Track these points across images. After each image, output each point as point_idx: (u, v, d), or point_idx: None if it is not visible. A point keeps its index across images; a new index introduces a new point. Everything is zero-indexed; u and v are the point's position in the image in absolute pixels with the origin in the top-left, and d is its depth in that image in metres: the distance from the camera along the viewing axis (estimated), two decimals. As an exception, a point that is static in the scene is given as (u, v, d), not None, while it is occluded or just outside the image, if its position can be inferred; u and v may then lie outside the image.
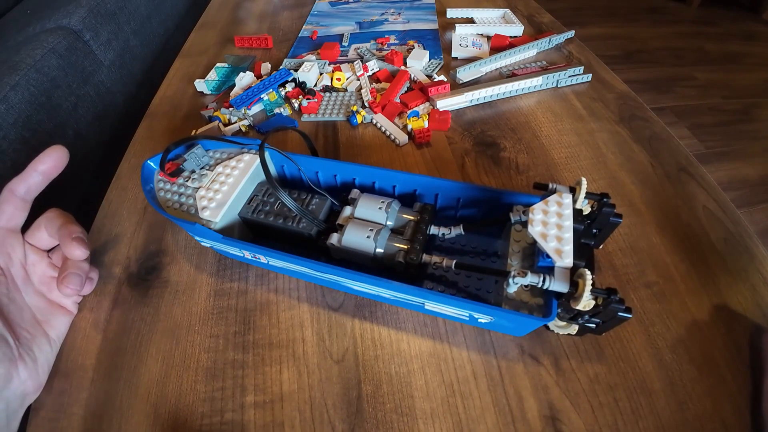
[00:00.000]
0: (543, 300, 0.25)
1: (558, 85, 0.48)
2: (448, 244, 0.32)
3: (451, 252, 0.32)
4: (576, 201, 0.25)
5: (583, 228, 0.25)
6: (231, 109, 0.47)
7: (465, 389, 0.26)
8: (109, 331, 0.30)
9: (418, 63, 0.52)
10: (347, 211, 0.30)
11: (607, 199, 0.24)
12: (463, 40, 0.55)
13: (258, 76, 0.53)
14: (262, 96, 0.48)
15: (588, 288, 0.20)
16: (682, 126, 1.39)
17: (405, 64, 0.53)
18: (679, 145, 0.40)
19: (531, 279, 0.23)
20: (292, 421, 0.25)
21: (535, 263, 0.26)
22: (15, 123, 0.48)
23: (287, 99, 0.49)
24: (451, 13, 0.62)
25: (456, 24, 0.57)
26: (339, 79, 0.50)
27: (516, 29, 0.56)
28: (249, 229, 0.33)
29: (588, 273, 0.21)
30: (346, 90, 0.50)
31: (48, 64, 0.55)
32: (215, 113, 0.47)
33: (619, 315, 0.22)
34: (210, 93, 0.52)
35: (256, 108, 0.48)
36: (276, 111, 0.47)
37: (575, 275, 0.22)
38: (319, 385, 0.27)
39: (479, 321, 0.26)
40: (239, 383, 0.27)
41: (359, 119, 0.45)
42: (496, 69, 0.51)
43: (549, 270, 0.23)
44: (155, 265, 0.34)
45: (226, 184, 0.31)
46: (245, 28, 0.67)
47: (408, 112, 0.44)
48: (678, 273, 0.30)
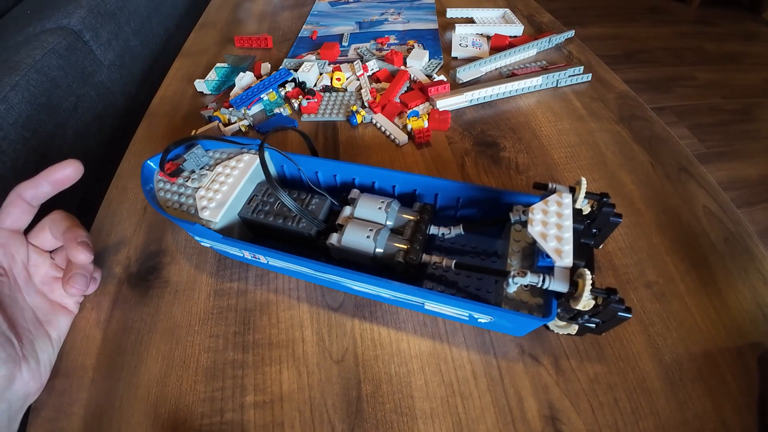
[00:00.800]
0: (543, 300, 0.25)
1: (558, 85, 0.48)
2: (447, 244, 0.32)
3: (451, 252, 0.32)
4: (576, 201, 0.25)
5: (583, 228, 0.25)
6: (231, 109, 0.47)
7: (465, 389, 0.26)
8: (109, 331, 0.30)
9: (417, 63, 0.52)
10: (347, 211, 0.30)
11: (607, 199, 0.24)
12: (463, 39, 0.55)
13: (258, 76, 0.53)
14: (261, 96, 0.48)
15: (588, 288, 0.20)
16: (682, 126, 1.39)
17: (405, 64, 0.53)
18: (679, 145, 0.40)
19: (531, 279, 0.23)
20: (291, 421, 0.25)
21: (535, 263, 0.26)
22: (15, 123, 0.48)
23: (287, 99, 0.49)
24: (451, 13, 0.62)
25: (456, 24, 0.57)
26: (339, 79, 0.50)
27: (516, 29, 0.56)
28: (249, 229, 0.33)
29: (588, 273, 0.21)
30: (345, 90, 0.50)
31: (48, 64, 0.55)
32: (215, 113, 0.47)
33: (619, 315, 0.22)
34: (210, 93, 0.52)
35: (255, 108, 0.48)
36: (276, 111, 0.47)
37: (575, 275, 0.22)
38: (319, 385, 0.27)
39: (479, 321, 0.26)
40: (239, 383, 0.27)
41: (359, 119, 0.45)
42: (495, 69, 0.51)
43: (549, 270, 0.23)
44: (155, 265, 0.34)
45: (225, 184, 0.31)
46: (245, 28, 0.67)
47: (408, 112, 0.44)
48: (678, 273, 0.30)
